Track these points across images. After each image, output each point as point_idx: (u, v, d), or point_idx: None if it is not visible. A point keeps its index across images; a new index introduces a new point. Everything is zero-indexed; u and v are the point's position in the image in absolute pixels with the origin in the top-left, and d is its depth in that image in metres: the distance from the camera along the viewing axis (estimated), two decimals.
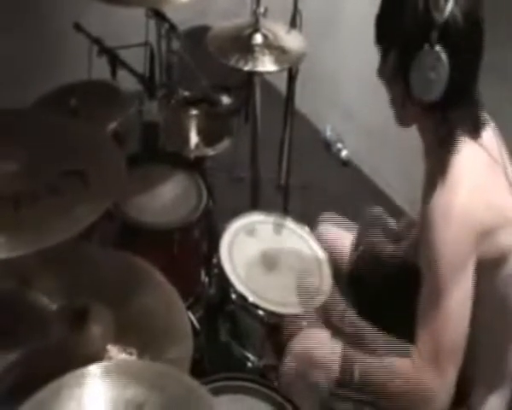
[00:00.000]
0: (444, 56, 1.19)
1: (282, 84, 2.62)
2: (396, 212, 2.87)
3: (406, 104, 1.29)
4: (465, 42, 1.22)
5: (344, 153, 3.19)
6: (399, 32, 1.26)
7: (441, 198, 1.24)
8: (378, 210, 1.83)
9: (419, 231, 1.32)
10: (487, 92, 1.34)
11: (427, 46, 1.19)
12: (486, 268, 1.26)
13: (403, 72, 1.25)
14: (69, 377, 1.04)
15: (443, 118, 1.27)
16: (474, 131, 1.29)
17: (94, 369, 1.05)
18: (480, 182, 1.27)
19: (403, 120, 1.35)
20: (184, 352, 1.39)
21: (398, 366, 1.28)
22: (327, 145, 3.25)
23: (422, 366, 1.23)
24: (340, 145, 3.21)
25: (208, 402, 1.02)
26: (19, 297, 1.41)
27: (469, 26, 1.22)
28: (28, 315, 1.39)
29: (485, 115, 1.35)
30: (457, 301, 1.22)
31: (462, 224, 1.21)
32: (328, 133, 3.27)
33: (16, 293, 1.41)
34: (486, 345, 1.35)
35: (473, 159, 1.28)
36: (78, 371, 1.05)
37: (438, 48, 1.19)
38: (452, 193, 1.23)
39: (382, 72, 1.34)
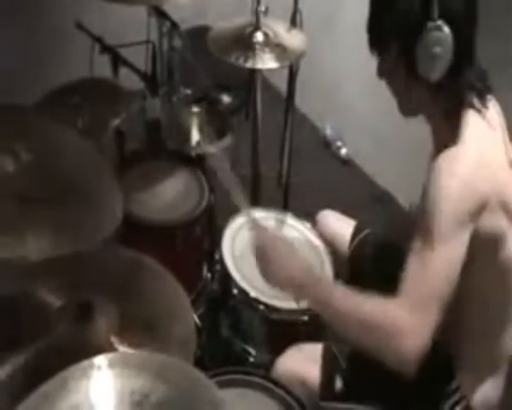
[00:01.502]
0: (446, 30, 1.21)
1: (281, 84, 2.64)
2: (396, 210, 2.90)
3: (412, 89, 1.31)
4: (463, 12, 1.26)
5: (343, 151, 3.20)
6: (400, 16, 1.27)
7: (448, 159, 1.25)
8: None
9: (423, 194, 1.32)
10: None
11: (430, 23, 1.21)
12: (487, 246, 1.27)
13: (406, 57, 1.26)
14: (75, 369, 1.05)
15: (451, 91, 1.29)
16: (480, 102, 1.31)
17: (99, 361, 1.06)
18: (488, 156, 1.28)
19: (408, 108, 1.37)
20: (188, 346, 1.41)
21: (379, 301, 1.25)
22: (326, 143, 3.26)
23: (403, 306, 1.21)
24: (339, 143, 3.22)
25: (214, 393, 1.03)
26: (23, 294, 1.42)
27: None
28: (32, 311, 1.40)
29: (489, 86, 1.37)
30: (443, 257, 1.22)
31: (464, 187, 1.22)
32: (328, 131, 3.28)
33: (20, 290, 1.42)
34: (481, 329, 1.36)
35: (481, 133, 1.30)
36: (84, 363, 1.06)
37: (440, 22, 1.21)
38: (459, 157, 1.25)
39: (383, 68, 1.35)
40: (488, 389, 1.43)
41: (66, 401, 1.00)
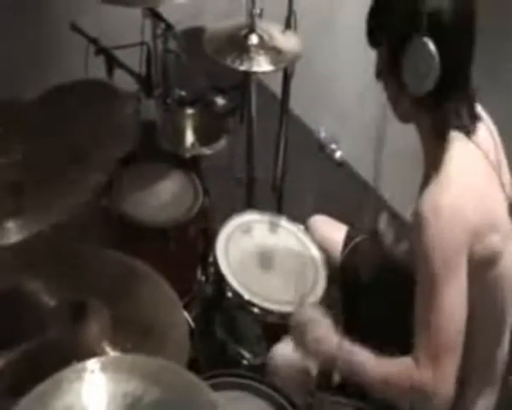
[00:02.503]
0: (432, 47, 1.18)
1: (276, 86, 2.64)
2: (391, 213, 2.90)
3: (401, 100, 1.30)
4: (454, 31, 1.22)
5: (338, 154, 3.20)
6: (388, 26, 1.26)
7: (432, 195, 1.23)
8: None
9: (411, 233, 1.33)
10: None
11: (416, 37, 1.19)
12: (476, 270, 1.26)
13: (395, 66, 1.25)
14: (69, 371, 1.05)
15: (437, 111, 1.28)
16: (469, 126, 1.29)
17: (93, 363, 1.06)
18: (473, 182, 1.26)
19: (399, 115, 1.36)
20: (181, 349, 1.41)
21: (400, 364, 1.27)
22: (321, 146, 3.26)
23: (421, 364, 1.22)
24: (334, 146, 3.22)
25: (207, 396, 1.03)
26: (17, 294, 1.42)
27: (458, 16, 1.22)
28: (26, 311, 1.40)
29: (480, 111, 1.36)
30: (451, 298, 1.22)
31: (451, 219, 1.21)
32: (323, 134, 3.28)
33: (15, 289, 1.42)
34: (477, 346, 1.35)
35: (467, 157, 1.28)
36: (78, 366, 1.06)
37: (426, 38, 1.18)
38: (442, 190, 1.23)
39: (379, 71, 1.35)
40: (484, 406, 1.44)
41: (60, 402, 1.00)
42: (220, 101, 2.42)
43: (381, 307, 1.53)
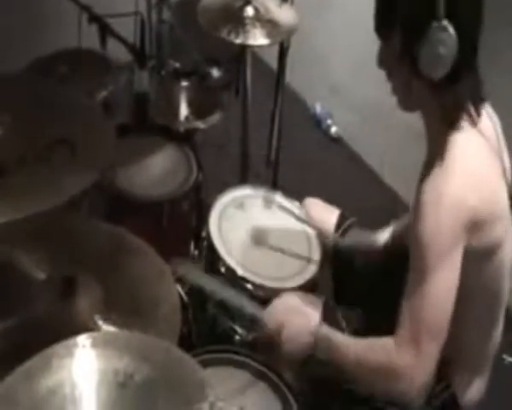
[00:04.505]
0: (452, 30, 1.18)
1: (272, 60, 2.61)
2: (385, 189, 2.90)
3: (413, 86, 1.28)
4: (469, 14, 1.23)
5: (333, 129, 3.19)
6: (404, 12, 1.24)
7: (435, 182, 1.23)
8: None
9: (411, 219, 1.32)
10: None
11: (435, 22, 1.18)
12: (475, 258, 1.26)
13: (409, 52, 1.23)
14: (59, 347, 1.03)
15: (448, 94, 1.27)
16: (475, 110, 1.29)
17: (84, 339, 1.05)
18: (477, 169, 1.26)
19: (408, 104, 1.33)
20: (173, 324, 1.40)
21: (380, 343, 1.28)
22: (317, 121, 3.24)
23: (403, 345, 1.23)
24: (329, 121, 3.20)
25: (198, 373, 1.02)
26: (7, 266, 1.40)
27: None
28: (16, 285, 1.38)
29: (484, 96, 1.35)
30: (442, 284, 1.22)
31: (452, 210, 1.21)
32: (318, 109, 3.26)
33: (4, 262, 1.41)
34: (472, 330, 1.36)
35: (471, 145, 1.28)
36: (69, 341, 1.04)
37: (445, 22, 1.18)
38: (446, 178, 1.23)
39: (383, 59, 1.31)
40: (476, 387, 1.44)
41: (50, 378, 1.00)
42: (215, 73, 2.39)
43: (373, 288, 1.52)
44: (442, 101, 1.28)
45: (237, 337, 1.78)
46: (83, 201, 1.75)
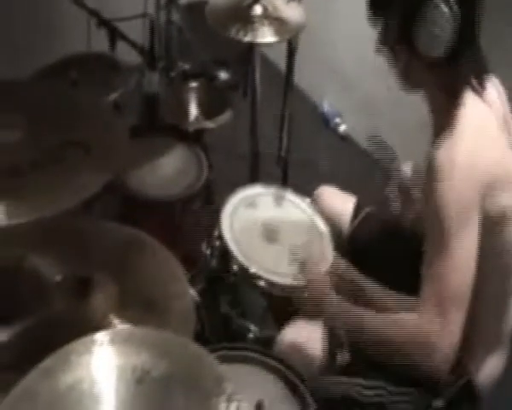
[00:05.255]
0: (446, 8, 1.19)
1: (279, 60, 2.61)
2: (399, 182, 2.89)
3: (412, 66, 1.29)
4: None
5: (342, 128, 3.18)
6: None
7: (447, 149, 1.24)
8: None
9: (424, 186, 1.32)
10: None
11: (430, 2, 1.19)
12: (489, 227, 1.26)
13: (407, 32, 1.24)
14: (77, 345, 1.04)
15: (449, 72, 1.28)
16: (479, 84, 1.30)
17: (102, 336, 1.06)
18: (485, 139, 1.28)
19: (407, 84, 1.35)
20: (187, 321, 1.41)
21: (405, 318, 1.28)
22: (325, 120, 3.24)
23: (428, 316, 1.23)
24: (338, 120, 3.20)
25: (215, 368, 1.03)
26: (23, 267, 1.41)
27: None
28: (32, 285, 1.39)
29: (488, 70, 1.36)
30: (462, 250, 1.22)
31: (466, 174, 1.22)
32: (326, 108, 3.26)
33: (20, 263, 1.42)
34: (487, 305, 1.35)
35: (478, 114, 1.29)
36: (87, 338, 1.05)
37: (440, 1, 1.19)
38: (457, 144, 1.24)
39: (382, 41, 1.33)
40: (492, 365, 1.43)
41: (69, 375, 1.00)
42: (223, 75, 2.40)
43: (391, 277, 1.52)
44: (444, 79, 1.29)
45: (250, 335, 1.79)
46: (95, 202, 1.76)
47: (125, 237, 1.56)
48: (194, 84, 2.14)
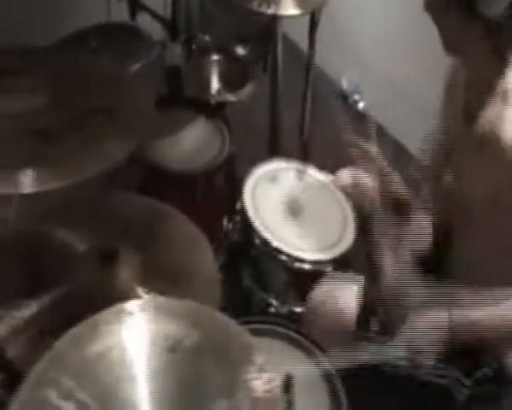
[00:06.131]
0: None
1: (298, 37, 2.57)
2: (416, 165, 2.86)
3: (465, 25, 1.25)
4: None
5: (361, 104, 3.14)
6: None
7: (495, 117, 1.21)
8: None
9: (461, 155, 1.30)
10: None
11: None
12: None
13: None
14: (106, 314, 1.04)
15: (503, 35, 1.24)
16: None
17: (131, 306, 1.06)
18: None
19: (453, 46, 1.31)
20: (212, 291, 1.40)
21: None
22: (343, 97, 3.20)
23: None
24: (356, 97, 3.16)
25: (245, 339, 1.02)
26: (48, 240, 1.41)
27: None
28: (58, 257, 1.39)
29: None
30: None
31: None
32: (345, 85, 3.22)
33: (45, 236, 1.41)
34: None
35: None
36: (116, 308, 1.05)
37: None
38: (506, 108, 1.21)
39: (431, 2, 1.28)
40: None
41: (98, 344, 1.00)
42: (240, 51, 2.37)
43: None
44: (499, 39, 1.25)
45: (272, 310, 1.78)
46: (118, 173, 1.75)
47: (148, 208, 1.56)
48: (215, 57, 2.12)
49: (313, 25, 2.24)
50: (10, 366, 1.22)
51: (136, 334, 1.01)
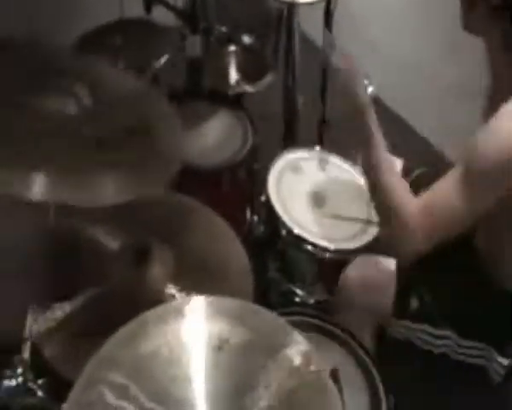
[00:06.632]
0: None
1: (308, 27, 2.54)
2: (428, 151, 2.87)
3: (477, 7, 1.25)
4: None
5: (370, 89, 3.13)
6: None
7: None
8: None
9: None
10: None
11: None
12: None
13: None
14: (153, 314, 1.05)
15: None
16: None
17: (178, 305, 1.06)
18: None
19: (471, 25, 1.30)
20: (245, 284, 1.41)
21: (404, 201, 1.32)
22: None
23: (415, 208, 1.28)
24: (366, 82, 3.15)
25: (293, 337, 1.03)
26: (81, 239, 1.41)
27: None
28: (91, 256, 1.39)
29: None
30: (471, 199, 1.22)
31: None
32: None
33: (78, 234, 1.41)
34: None
35: None
36: (162, 308, 1.06)
37: None
38: None
39: None
40: None
41: (148, 343, 1.00)
42: (246, 39, 2.34)
43: None
44: (504, 26, 1.23)
45: (298, 300, 1.79)
46: None
47: (177, 205, 1.56)
48: (232, 48, 2.10)
49: (329, 13, 2.22)
50: (48, 368, 1.23)
51: (183, 333, 1.01)
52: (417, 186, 1.71)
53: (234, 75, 2.07)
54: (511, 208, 1.25)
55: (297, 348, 1.00)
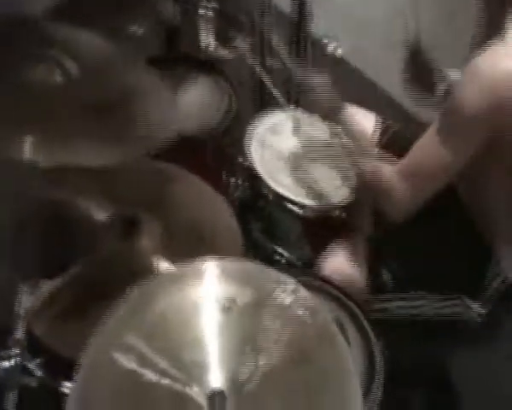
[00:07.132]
0: None
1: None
2: (400, 112, 2.90)
3: None
4: None
5: (339, 51, 3.15)
6: None
7: (493, 55, 1.23)
8: None
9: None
10: None
11: None
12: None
13: None
14: (160, 279, 1.07)
15: None
16: None
17: (181, 270, 1.08)
18: None
19: None
20: (235, 245, 1.46)
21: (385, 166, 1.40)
22: (322, 43, 3.19)
23: (397, 173, 1.35)
24: (335, 43, 3.16)
25: (300, 293, 1.05)
26: (69, 210, 1.40)
27: None
28: (81, 228, 1.38)
29: None
30: (452, 152, 1.28)
31: (501, 89, 1.21)
32: (322, 31, 3.21)
33: (66, 206, 1.40)
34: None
35: None
36: (168, 273, 1.07)
37: None
38: (504, 56, 1.23)
39: None
40: None
41: (155, 309, 1.02)
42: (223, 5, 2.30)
43: None
44: None
45: (283, 260, 1.81)
46: None
47: (161, 173, 1.56)
48: (208, 14, 2.08)
49: None
50: (41, 346, 1.22)
51: (191, 296, 1.04)
52: (394, 143, 1.77)
53: (211, 41, 2.06)
54: (497, 153, 1.29)
55: (303, 304, 1.03)
